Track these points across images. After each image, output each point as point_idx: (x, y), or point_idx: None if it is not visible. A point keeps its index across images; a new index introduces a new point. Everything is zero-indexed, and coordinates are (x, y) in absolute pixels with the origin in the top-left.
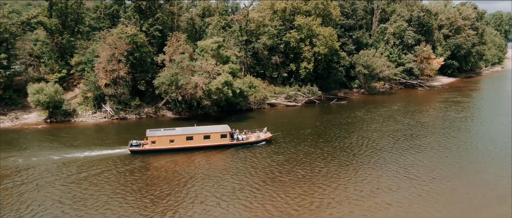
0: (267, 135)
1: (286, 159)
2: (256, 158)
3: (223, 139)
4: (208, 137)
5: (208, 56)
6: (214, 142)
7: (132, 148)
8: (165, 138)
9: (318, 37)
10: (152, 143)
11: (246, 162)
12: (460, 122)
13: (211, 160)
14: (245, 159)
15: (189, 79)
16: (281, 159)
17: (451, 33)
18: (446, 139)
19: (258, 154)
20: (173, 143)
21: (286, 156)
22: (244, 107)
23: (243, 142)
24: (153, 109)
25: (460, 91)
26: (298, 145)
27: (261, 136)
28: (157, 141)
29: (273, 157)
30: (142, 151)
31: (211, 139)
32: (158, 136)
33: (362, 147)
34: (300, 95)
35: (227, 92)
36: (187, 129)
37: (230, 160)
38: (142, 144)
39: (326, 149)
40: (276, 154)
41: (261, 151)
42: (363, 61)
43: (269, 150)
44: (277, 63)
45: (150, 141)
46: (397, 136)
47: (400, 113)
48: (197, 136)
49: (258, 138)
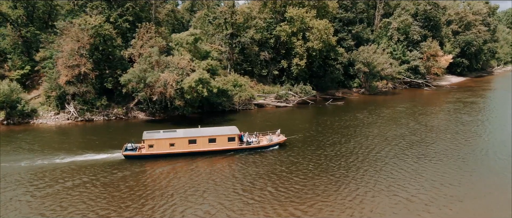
0: (280, 138)
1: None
2: (270, 164)
3: (231, 143)
4: (213, 140)
5: (184, 50)
6: (220, 146)
7: (127, 152)
8: (165, 141)
9: (311, 31)
10: (150, 147)
11: (258, 170)
12: (472, 125)
13: (216, 167)
14: (257, 166)
15: (158, 76)
16: (296, 167)
17: (460, 29)
18: (458, 147)
19: (270, 159)
20: (173, 147)
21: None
22: (227, 108)
23: (253, 146)
24: (123, 109)
25: (471, 92)
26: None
27: (274, 139)
28: (155, 145)
29: (290, 164)
30: (138, 156)
31: (217, 143)
32: (156, 139)
33: (358, 156)
34: (291, 95)
35: (201, 91)
36: (190, 131)
37: (239, 168)
38: (139, 148)
39: (314, 158)
40: (290, 160)
41: (274, 156)
42: (363, 58)
43: (282, 155)
44: (266, 60)
45: (147, 144)
46: (400, 143)
47: (404, 115)
48: (201, 139)
49: (271, 141)
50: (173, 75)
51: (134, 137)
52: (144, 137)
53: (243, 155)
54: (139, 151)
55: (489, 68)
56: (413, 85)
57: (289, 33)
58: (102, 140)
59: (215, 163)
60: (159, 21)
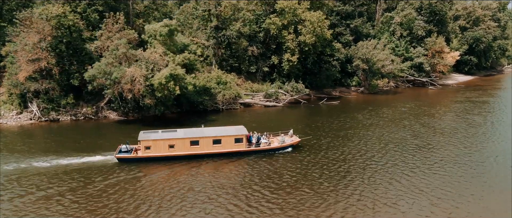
0: (293, 140)
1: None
2: (285, 169)
3: (238, 144)
4: (218, 142)
5: (157, 43)
6: (226, 148)
7: (121, 154)
8: (163, 142)
9: (304, 24)
10: (146, 149)
11: (269, 177)
12: (481, 127)
13: (222, 173)
14: (267, 172)
15: (123, 71)
16: (317, 173)
17: (468, 25)
18: (465, 153)
19: (283, 164)
20: (173, 149)
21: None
22: (209, 108)
23: (263, 148)
24: (93, 109)
25: (480, 91)
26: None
27: (287, 141)
28: (153, 146)
29: (305, 169)
30: (133, 159)
31: (223, 144)
32: (153, 140)
33: (345, 162)
34: (281, 93)
35: (173, 89)
36: (192, 131)
37: (246, 175)
38: (135, 150)
39: (297, 168)
40: (306, 163)
41: (287, 159)
42: (361, 54)
43: (298, 159)
44: (254, 55)
45: (143, 146)
46: (399, 147)
47: (406, 116)
48: (205, 140)
49: (283, 143)
50: (141, 70)
51: (102, 139)
52: (140, 138)
53: (252, 159)
54: (134, 153)
55: (499, 67)
56: (417, 84)
57: (280, 26)
58: (68, 142)
59: (220, 168)
60: (138, 14)
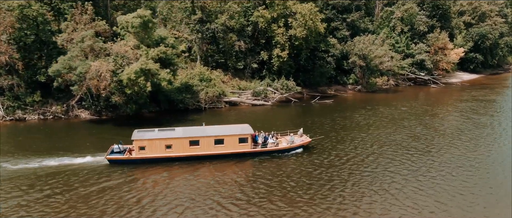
0: (303, 140)
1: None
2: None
3: (243, 145)
4: (220, 142)
5: (129, 36)
6: (229, 149)
7: (112, 156)
8: (159, 142)
9: (295, 17)
10: (140, 150)
11: (278, 184)
12: (486, 128)
13: (224, 177)
14: (275, 177)
15: (88, 66)
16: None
17: (474, 21)
18: (471, 158)
19: (293, 167)
20: (170, 150)
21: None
22: (191, 107)
23: (270, 149)
24: (63, 107)
25: (486, 90)
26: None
27: (296, 141)
28: (148, 147)
29: (312, 172)
30: (126, 160)
31: (225, 145)
32: (148, 140)
33: (331, 167)
34: (271, 91)
35: (143, 85)
36: (191, 130)
37: (251, 180)
38: (129, 150)
39: (302, 172)
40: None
41: (297, 162)
42: (358, 50)
43: (307, 161)
44: (242, 51)
45: (137, 146)
46: (398, 152)
47: (406, 116)
48: (206, 140)
49: (292, 143)
50: (108, 65)
51: (70, 139)
52: (134, 137)
53: (258, 161)
54: (127, 154)
55: (506, 65)
56: (419, 83)
57: (269, 19)
58: (40, 143)
59: (222, 171)
60: (117, 6)
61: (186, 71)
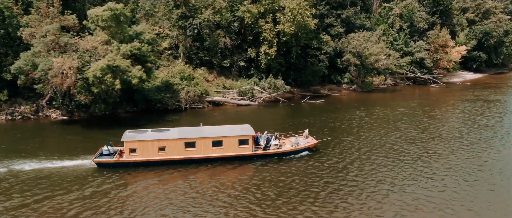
0: (309, 142)
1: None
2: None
3: (243, 147)
4: (219, 143)
5: (100, 30)
6: (228, 152)
7: (101, 158)
8: (152, 144)
9: (283, 12)
10: (131, 152)
11: (279, 191)
12: (487, 130)
13: (220, 182)
14: (276, 183)
15: (51, 62)
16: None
17: (477, 18)
18: (470, 165)
19: (296, 171)
20: (164, 152)
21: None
22: (170, 107)
23: (273, 152)
24: (33, 107)
25: (490, 89)
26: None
27: (301, 143)
28: (139, 149)
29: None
30: (115, 163)
31: (224, 147)
32: (139, 141)
33: (312, 183)
34: (257, 91)
35: (111, 83)
36: (187, 131)
37: (251, 185)
38: (119, 152)
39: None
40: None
41: (301, 165)
42: (352, 47)
43: (316, 166)
44: (228, 48)
45: (128, 148)
46: (388, 157)
47: (402, 117)
48: (202, 142)
49: (297, 145)
50: (72, 61)
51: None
52: (124, 138)
53: (259, 164)
54: (118, 157)
55: (511, 64)
56: (419, 82)
57: (256, 14)
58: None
59: (220, 176)
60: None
61: (167, 69)
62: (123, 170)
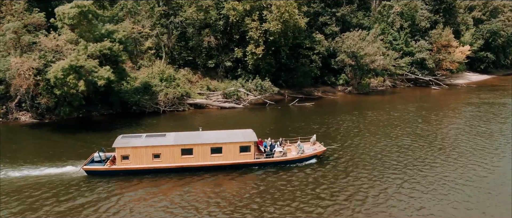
0: (317, 149)
1: None
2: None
3: (245, 154)
4: (218, 150)
5: (67, 29)
6: (228, 159)
7: (91, 166)
8: (145, 150)
9: (270, 9)
10: (123, 159)
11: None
12: (491, 138)
13: (219, 193)
14: (280, 196)
15: (9, 63)
16: None
17: (485, 17)
18: (472, 177)
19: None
20: (159, 160)
21: None
22: (148, 109)
23: (276, 160)
24: (3, 109)
25: (496, 92)
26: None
27: (307, 150)
28: (132, 156)
29: None
30: (106, 171)
31: (224, 154)
32: (133, 147)
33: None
34: (242, 93)
35: (74, 85)
36: (185, 136)
37: (253, 197)
38: (112, 159)
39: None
40: None
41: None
42: (346, 47)
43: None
44: (213, 47)
45: (120, 154)
46: (375, 169)
47: (396, 123)
48: (200, 148)
49: (302, 153)
50: (33, 62)
51: None
52: (116, 144)
53: (262, 173)
54: (110, 164)
55: None
56: (420, 84)
57: (241, 12)
58: None
59: (219, 187)
60: None
61: (148, 70)
62: (116, 178)
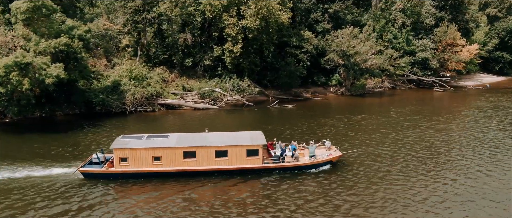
0: (332, 153)
1: None
2: None
3: (252, 159)
4: (223, 154)
5: (20, 24)
6: (234, 163)
7: (87, 168)
8: (145, 152)
9: (248, 4)
10: (122, 161)
11: None
12: (498, 147)
13: (223, 203)
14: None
15: None
16: None
17: (500, 14)
18: (474, 193)
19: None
20: (159, 163)
21: None
22: (115, 110)
23: (287, 165)
24: None
25: (506, 95)
26: None
27: (320, 155)
28: (131, 158)
29: None
30: (103, 174)
31: (230, 158)
32: (131, 149)
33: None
34: (218, 93)
35: (17, 82)
36: (188, 138)
37: (261, 207)
38: (111, 161)
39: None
40: None
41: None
42: (335, 45)
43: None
44: (189, 45)
45: (118, 156)
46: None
47: (391, 131)
48: (204, 151)
49: (315, 158)
50: None
51: None
52: (114, 145)
53: (272, 180)
54: (108, 166)
55: None
56: (423, 85)
57: (218, 7)
58: None
59: (223, 194)
60: None
61: (120, 68)
62: (114, 182)
